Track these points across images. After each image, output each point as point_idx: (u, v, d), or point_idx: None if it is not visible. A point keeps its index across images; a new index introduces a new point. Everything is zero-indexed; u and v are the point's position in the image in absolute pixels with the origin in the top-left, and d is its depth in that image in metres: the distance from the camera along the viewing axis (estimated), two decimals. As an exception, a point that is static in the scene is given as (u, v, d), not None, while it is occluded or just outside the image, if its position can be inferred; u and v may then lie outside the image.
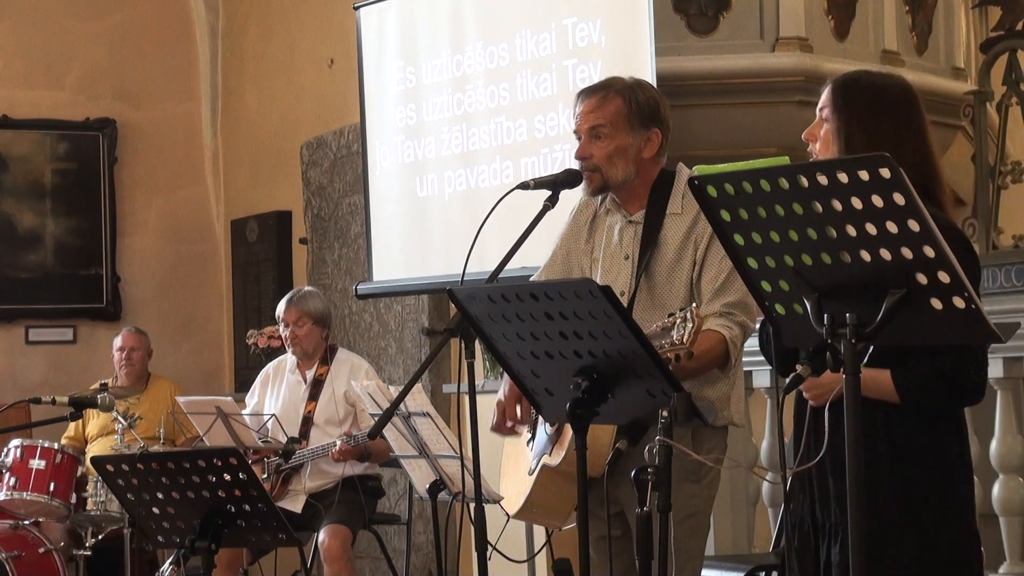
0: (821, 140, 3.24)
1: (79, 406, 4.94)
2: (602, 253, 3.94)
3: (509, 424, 3.90)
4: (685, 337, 3.26)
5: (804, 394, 3.17)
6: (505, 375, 3.87)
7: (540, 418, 3.92)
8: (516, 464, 4.10)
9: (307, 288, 6.92)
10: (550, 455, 3.89)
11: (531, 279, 4.05)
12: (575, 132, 3.90)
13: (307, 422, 6.50)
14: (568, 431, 3.81)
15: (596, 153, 3.84)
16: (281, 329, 6.65)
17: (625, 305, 3.69)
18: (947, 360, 3.09)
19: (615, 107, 3.84)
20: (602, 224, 3.97)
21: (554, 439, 3.90)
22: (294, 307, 6.56)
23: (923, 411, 3.16)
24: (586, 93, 3.91)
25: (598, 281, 3.79)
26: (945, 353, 3.08)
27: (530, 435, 4.03)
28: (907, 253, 2.54)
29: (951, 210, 3.24)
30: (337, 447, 6.20)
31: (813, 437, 3.10)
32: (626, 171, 3.84)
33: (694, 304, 3.37)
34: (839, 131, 3.19)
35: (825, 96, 3.25)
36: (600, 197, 3.96)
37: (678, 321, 3.29)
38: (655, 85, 5.73)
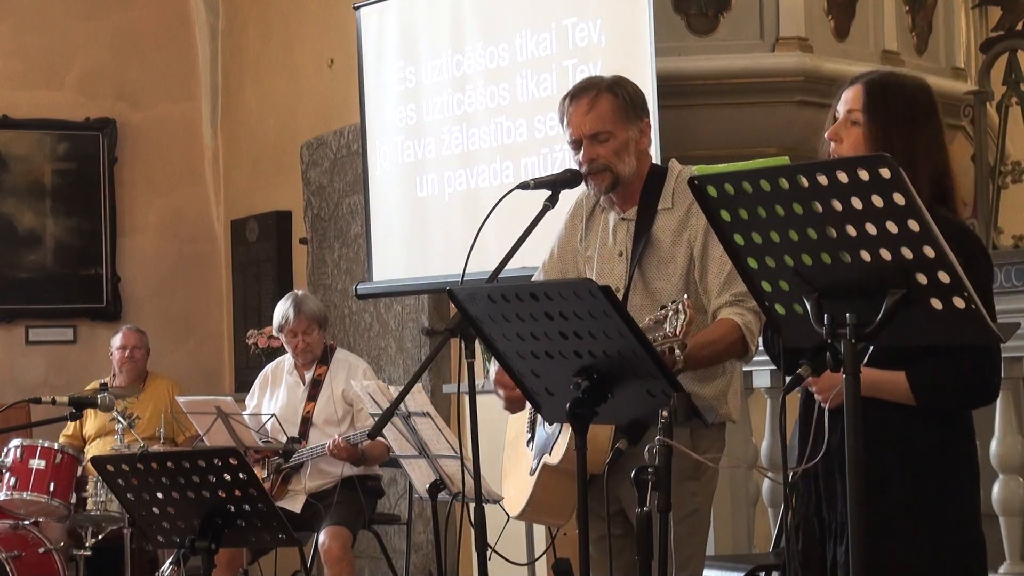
0: (849, 142, 3.20)
1: (79, 406, 4.94)
2: (597, 251, 3.94)
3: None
4: (678, 329, 3.26)
5: (816, 396, 3.15)
6: (493, 361, 3.85)
7: (539, 417, 3.92)
8: (517, 465, 4.10)
9: (301, 292, 6.78)
10: (550, 454, 3.89)
11: (532, 279, 4.05)
12: (571, 141, 3.85)
13: (306, 422, 6.49)
14: (568, 428, 3.81)
15: (603, 152, 3.82)
16: (285, 339, 6.56)
17: (619, 299, 3.67)
18: (965, 361, 3.07)
19: (609, 105, 3.82)
20: (597, 222, 3.97)
21: (554, 438, 3.90)
22: (302, 316, 6.45)
23: (937, 412, 3.14)
24: (573, 97, 3.86)
25: (593, 279, 3.80)
26: (962, 354, 3.06)
27: (529, 435, 4.03)
28: (907, 253, 2.54)
29: (961, 214, 3.23)
30: (336, 440, 6.18)
31: (822, 437, 3.09)
32: (631, 164, 3.84)
33: (685, 296, 3.36)
34: (876, 137, 3.16)
35: (854, 97, 3.21)
36: (596, 196, 3.94)
37: (670, 313, 3.29)
38: (655, 85, 5.77)
